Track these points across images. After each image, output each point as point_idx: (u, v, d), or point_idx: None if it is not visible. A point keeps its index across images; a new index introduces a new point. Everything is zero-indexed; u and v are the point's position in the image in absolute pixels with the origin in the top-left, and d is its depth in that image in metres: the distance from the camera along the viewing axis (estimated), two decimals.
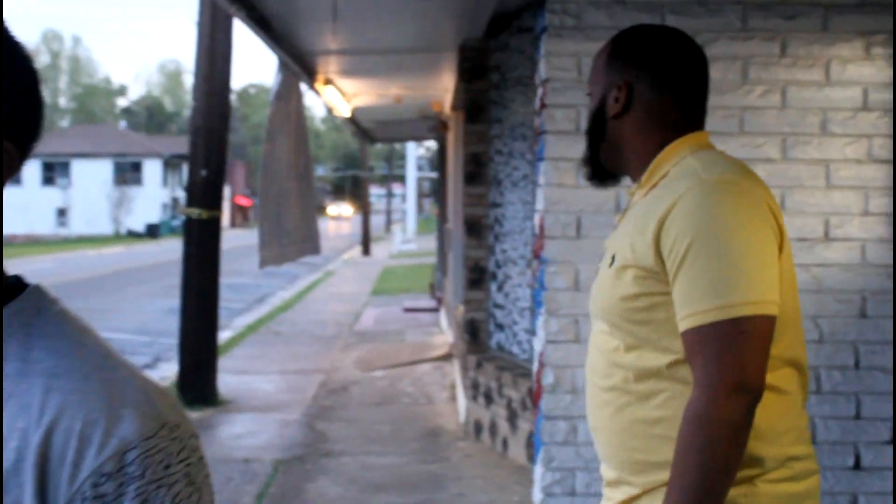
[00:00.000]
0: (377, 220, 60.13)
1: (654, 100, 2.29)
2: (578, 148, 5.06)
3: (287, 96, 10.26)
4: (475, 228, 8.66)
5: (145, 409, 1.07)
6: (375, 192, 72.17)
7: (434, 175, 68.21)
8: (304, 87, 11.34)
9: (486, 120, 8.63)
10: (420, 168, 60.27)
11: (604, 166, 2.45)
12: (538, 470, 5.25)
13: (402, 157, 59.73)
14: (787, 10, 5.05)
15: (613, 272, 2.22)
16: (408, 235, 50.73)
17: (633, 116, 2.30)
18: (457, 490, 6.96)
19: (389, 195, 71.39)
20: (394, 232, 56.45)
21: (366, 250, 40.40)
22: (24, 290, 1.16)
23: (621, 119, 2.32)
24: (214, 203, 10.20)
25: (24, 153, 1.15)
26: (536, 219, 5.35)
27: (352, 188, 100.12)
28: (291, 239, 10.70)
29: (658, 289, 2.12)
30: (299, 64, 10.01)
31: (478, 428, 8.34)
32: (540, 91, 5.30)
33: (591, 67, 2.43)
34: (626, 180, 2.46)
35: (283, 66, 9.84)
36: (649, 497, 2.17)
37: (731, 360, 1.97)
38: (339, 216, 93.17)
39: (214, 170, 10.18)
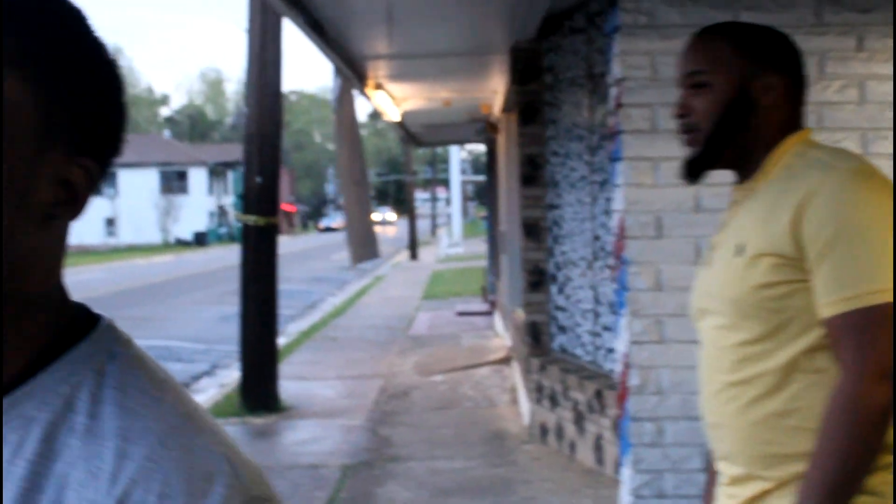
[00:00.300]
0: (422, 225, 60.16)
1: (790, 95, 2.30)
2: (656, 147, 5.05)
3: (341, 102, 10.22)
4: (533, 231, 8.56)
5: (231, 482, 0.92)
6: (419, 196, 72.08)
7: (477, 178, 68.36)
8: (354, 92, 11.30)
9: (540, 121, 8.55)
10: (464, 171, 60.20)
11: (714, 159, 2.39)
12: (626, 472, 5.19)
13: (445, 160, 59.62)
14: (861, 3, 4.95)
15: (744, 262, 2.19)
16: (454, 239, 50.53)
17: (775, 109, 2.28)
18: (527, 493, 6.87)
19: (434, 199, 71.33)
20: (440, 236, 56.38)
21: (413, 255, 40.24)
22: (93, 326, 1.01)
23: (767, 111, 2.27)
24: (270, 210, 10.17)
25: (104, 168, 0.99)
26: (616, 219, 5.28)
27: (395, 193, 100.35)
28: (366, 241, 10.66)
29: (796, 276, 2.12)
30: (351, 69, 9.96)
31: (543, 431, 8.24)
32: (614, 91, 5.22)
33: (701, 56, 2.34)
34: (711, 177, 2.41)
35: (338, 73, 9.79)
36: (782, 490, 2.15)
37: (880, 345, 1.99)
38: (385, 221, 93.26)
39: (269, 176, 10.15)
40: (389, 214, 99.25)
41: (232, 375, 12.35)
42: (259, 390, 10.09)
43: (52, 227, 0.94)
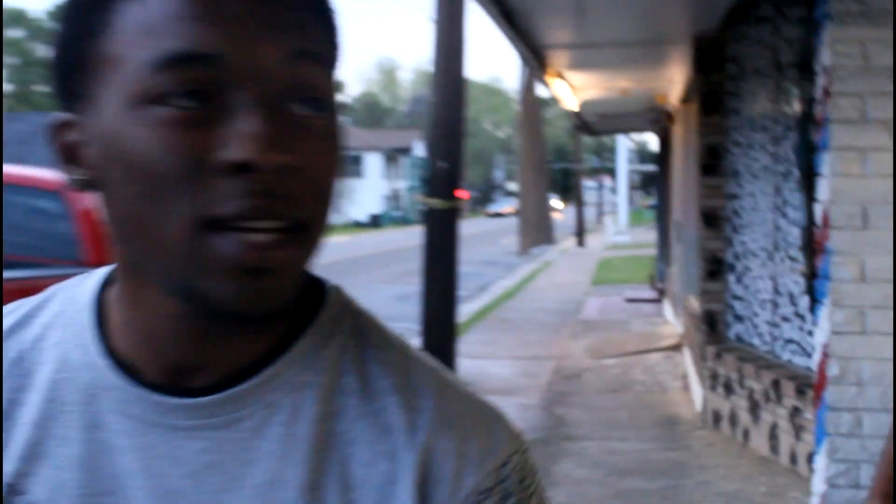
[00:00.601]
0: (588, 213, 59.85)
1: None
2: (865, 137, 5.00)
3: (528, 92, 10.31)
4: (712, 220, 8.52)
5: (506, 423, 0.98)
6: (585, 184, 71.74)
7: (643, 168, 67.72)
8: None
9: (722, 111, 8.49)
10: (629, 161, 59.54)
11: None
12: (821, 461, 5.17)
13: (611, 150, 59.11)
14: None
15: None
16: (620, 227, 50.15)
17: None
18: (701, 478, 6.88)
19: (600, 188, 70.91)
20: (605, 224, 55.96)
21: (580, 241, 40.12)
22: (320, 289, 1.01)
23: None
24: (452, 194, 10.32)
25: None
26: (820, 210, 5.24)
27: (561, 181, 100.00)
28: (537, 227, 10.73)
29: None
30: (534, 58, 10.04)
31: (716, 417, 8.21)
32: (822, 79, 5.18)
33: None
34: None
35: (525, 62, 9.89)
36: None
37: None
38: (551, 208, 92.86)
39: (453, 161, 10.29)
40: (555, 202, 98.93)
41: None
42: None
43: None
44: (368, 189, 74.27)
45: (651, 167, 54.72)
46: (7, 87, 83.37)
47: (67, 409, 0.93)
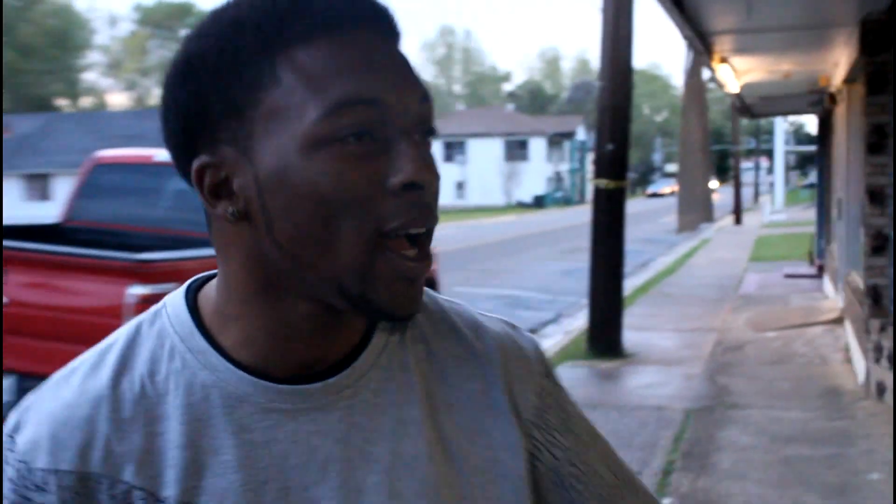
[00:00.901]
0: (745, 192, 58.51)
1: None
2: None
3: (693, 76, 10.11)
4: (877, 197, 8.20)
5: (520, 328, 1.22)
6: (742, 165, 70.08)
7: (799, 149, 65.78)
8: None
9: (889, 91, 8.14)
10: (785, 142, 57.94)
11: None
12: None
13: (768, 132, 57.70)
14: None
15: None
16: (776, 206, 48.90)
17: None
18: (866, 447, 6.65)
19: (756, 168, 69.19)
20: (762, 203, 54.65)
21: (738, 220, 39.42)
22: None
23: None
24: (620, 174, 10.23)
25: None
26: None
27: (717, 163, 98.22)
28: (702, 206, 10.54)
29: None
30: (700, 43, 9.84)
31: (880, 389, 7.91)
32: None
33: None
34: None
35: (690, 47, 9.69)
36: None
37: None
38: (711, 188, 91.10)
39: (620, 144, 10.20)
40: (713, 182, 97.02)
41: (575, 324, 12.56)
42: (605, 337, 10.22)
43: None
44: (533, 172, 74.23)
45: (808, 148, 53.19)
46: None
47: (212, 424, 0.99)
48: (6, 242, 5.92)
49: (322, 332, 1.01)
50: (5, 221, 7.65)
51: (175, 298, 1.05)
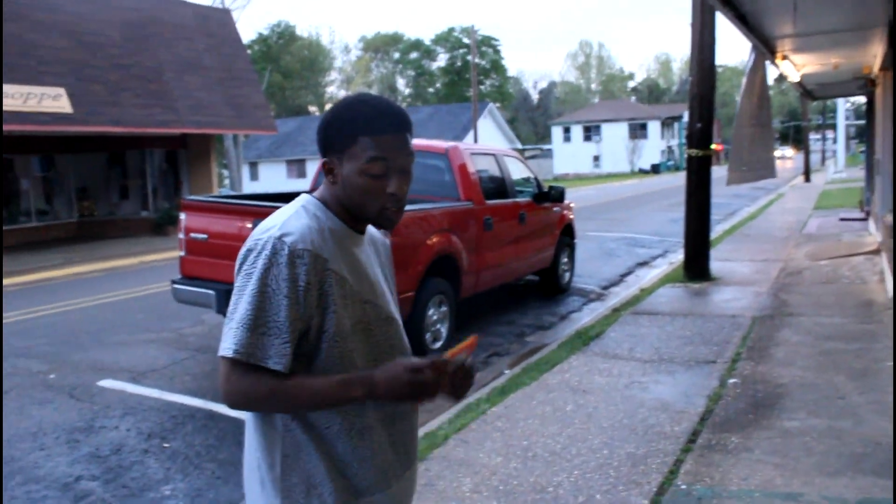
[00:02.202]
0: (814, 158, 55.39)
1: None
2: None
3: (754, 70, 9.83)
4: None
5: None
6: (812, 137, 66.34)
7: (857, 123, 61.61)
8: (766, 62, 10.77)
9: None
10: (847, 118, 54.45)
11: None
12: None
13: (832, 110, 54.48)
14: None
15: None
16: (838, 168, 46.09)
17: None
18: (887, 343, 6.50)
19: (823, 139, 65.36)
20: (827, 166, 51.74)
21: (807, 179, 37.49)
22: None
23: None
24: (706, 145, 10.07)
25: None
26: None
27: (793, 135, 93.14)
28: (750, 167, 10.25)
29: None
30: (765, 46, 9.55)
31: None
32: None
33: None
34: None
35: (753, 49, 9.44)
36: None
37: None
38: (783, 156, 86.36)
39: (706, 123, 10.04)
40: (788, 151, 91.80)
41: (677, 257, 12.46)
42: (697, 266, 10.16)
43: None
44: (650, 146, 72.20)
45: (863, 122, 50.01)
46: (407, 90, 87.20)
47: (337, 243, 1.73)
48: (278, 203, 6.41)
49: (362, 222, 1.78)
50: (277, 192, 8.15)
51: (310, 199, 1.76)
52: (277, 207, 1.75)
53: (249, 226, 6.34)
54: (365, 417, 1.69)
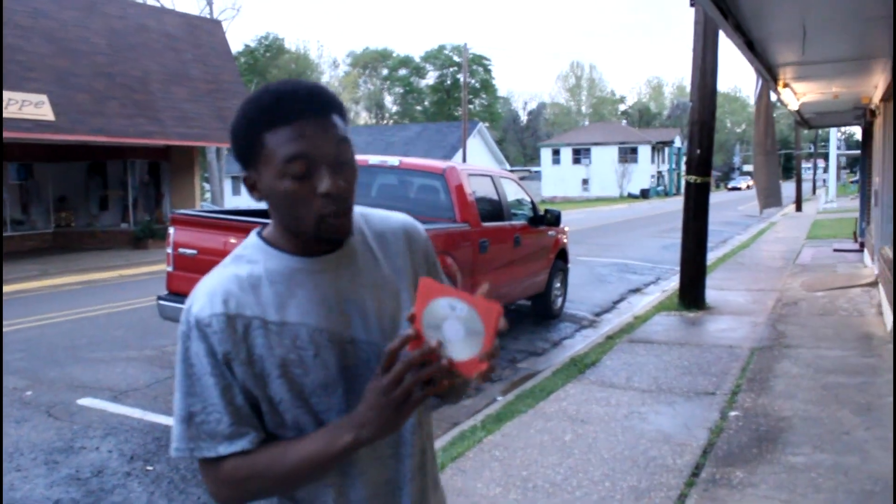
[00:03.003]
0: (805, 187, 55.92)
1: None
2: None
3: (760, 98, 9.91)
4: None
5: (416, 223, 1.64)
6: (804, 166, 66.95)
7: (848, 152, 62.29)
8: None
9: None
10: (838, 147, 55.04)
11: None
12: None
13: (824, 139, 55.07)
14: None
15: None
16: (830, 197, 46.50)
17: None
18: (888, 377, 6.49)
19: (815, 168, 65.99)
20: (818, 195, 52.23)
21: (798, 208, 37.80)
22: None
23: None
24: (705, 172, 10.12)
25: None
26: None
27: (784, 163, 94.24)
28: (764, 194, 10.31)
29: None
30: (769, 73, 9.61)
31: None
32: None
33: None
34: None
35: (758, 76, 9.51)
36: None
37: None
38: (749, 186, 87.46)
39: (705, 149, 10.09)
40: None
41: (669, 285, 12.49)
42: (692, 295, 10.16)
43: None
44: (640, 171, 72.62)
45: (855, 152, 50.52)
46: (395, 107, 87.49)
47: (281, 284, 1.39)
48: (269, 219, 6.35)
49: (314, 242, 1.40)
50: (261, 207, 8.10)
51: (253, 237, 1.47)
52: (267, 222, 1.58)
53: (239, 242, 6.28)
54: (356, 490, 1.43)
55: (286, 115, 1.32)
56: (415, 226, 1.57)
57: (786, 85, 10.73)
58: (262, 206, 1.46)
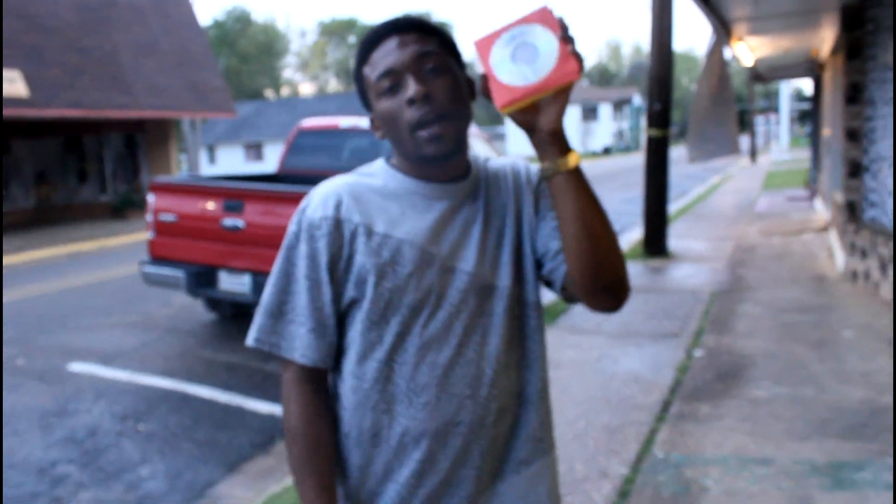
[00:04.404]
0: (759, 140, 56.31)
1: None
2: None
3: (713, 52, 9.91)
4: (853, 136, 8.01)
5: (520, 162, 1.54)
6: (757, 120, 67.38)
7: (799, 107, 62.83)
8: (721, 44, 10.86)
9: (862, 58, 7.90)
10: (790, 101, 55.42)
11: None
12: None
13: (776, 94, 55.47)
14: None
15: None
16: (782, 149, 47.01)
17: None
18: (842, 315, 6.64)
19: (768, 122, 66.41)
20: (772, 147, 52.71)
21: (753, 160, 38.08)
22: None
23: None
24: (664, 125, 10.14)
25: None
26: None
27: (740, 117, 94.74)
28: (712, 144, 10.35)
29: None
30: (723, 28, 9.63)
31: (854, 275, 7.84)
32: None
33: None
34: None
35: (713, 32, 9.51)
36: None
37: None
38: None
39: (665, 103, 10.10)
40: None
41: (633, 236, 12.56)
42: (655, 244, 10.25)
43: None
44: (602, 129, 72.79)
45: (805, 105, 50.94)
46: None
47: (395, 201, 1.37)
48: (246, 183, 6.29)
49: (428, 168, 1.36)
50: (237, 173, 8.02)
51: (380, 161, 1.44)
52: (248, 188, 1.48)
53: (218, 206, 6.21)
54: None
55: (373, 42, 1.34)
56: (522, 165, 1.51)
57: (740, 39, 10.75)
58: (237, 171, 1.46)
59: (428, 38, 1.32)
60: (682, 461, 3.82)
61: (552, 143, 1.27)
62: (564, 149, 1.28)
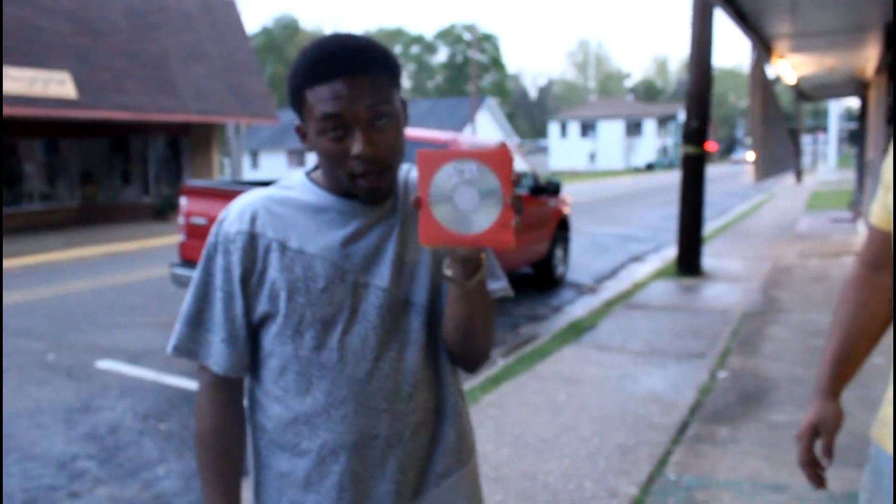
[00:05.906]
0: (806, 159, 55.44)
1: None
2: None
3: (754, 69, 9.80)
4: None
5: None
6: (805, 138, 66.29)
7: (849, 125, 61.74)
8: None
9: None
10: (839, 120, 54.47)
11: None
12: None
13: (825, 112, 54.55)
14: None
15: None
16: (829, 169, 46.19)
17: None
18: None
19: (816, 141, 65.32)
20: (818, 167, 51.84)
21: (798, 179, 37.47)
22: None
23: None
24: (701, 143, 10.04)
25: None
26: None
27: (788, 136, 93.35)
28: (777, 161, 10.21)
29: None
30: (763, 45, 9.52)
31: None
32: None
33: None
34: None
35: (753, 48, 9.41)
36: None
37: None
38: (746, 160, 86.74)
39: (702, 121, 10.00)
40: (750, 154, 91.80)
41: (668, 253, 12.44)
42: (689, 261, 10.13)
43: None
44: (646, 145, 72.25)
45: (854, 125, 50.09)
46: (408, 83, 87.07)
47: (310, 216, 1.37)
48: None
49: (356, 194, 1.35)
50: (273, 178, 8.10)
51: (299, 173, 1.44)
52: None
53: None
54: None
55: (325, 73, 1.27)
56: None
57: (781, 57, 10.62)
58: (278, 177, 1.49)
59: (380, 75, 1.29)
60: (694, 484, 3.77)
61: (463, 265, 1.23)
62: (472, 272, 1.24)
